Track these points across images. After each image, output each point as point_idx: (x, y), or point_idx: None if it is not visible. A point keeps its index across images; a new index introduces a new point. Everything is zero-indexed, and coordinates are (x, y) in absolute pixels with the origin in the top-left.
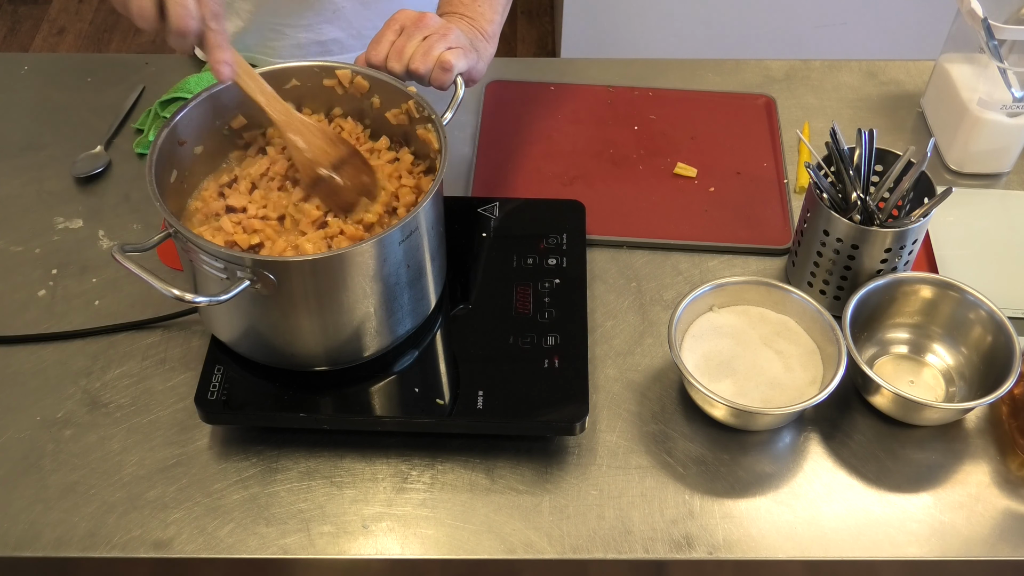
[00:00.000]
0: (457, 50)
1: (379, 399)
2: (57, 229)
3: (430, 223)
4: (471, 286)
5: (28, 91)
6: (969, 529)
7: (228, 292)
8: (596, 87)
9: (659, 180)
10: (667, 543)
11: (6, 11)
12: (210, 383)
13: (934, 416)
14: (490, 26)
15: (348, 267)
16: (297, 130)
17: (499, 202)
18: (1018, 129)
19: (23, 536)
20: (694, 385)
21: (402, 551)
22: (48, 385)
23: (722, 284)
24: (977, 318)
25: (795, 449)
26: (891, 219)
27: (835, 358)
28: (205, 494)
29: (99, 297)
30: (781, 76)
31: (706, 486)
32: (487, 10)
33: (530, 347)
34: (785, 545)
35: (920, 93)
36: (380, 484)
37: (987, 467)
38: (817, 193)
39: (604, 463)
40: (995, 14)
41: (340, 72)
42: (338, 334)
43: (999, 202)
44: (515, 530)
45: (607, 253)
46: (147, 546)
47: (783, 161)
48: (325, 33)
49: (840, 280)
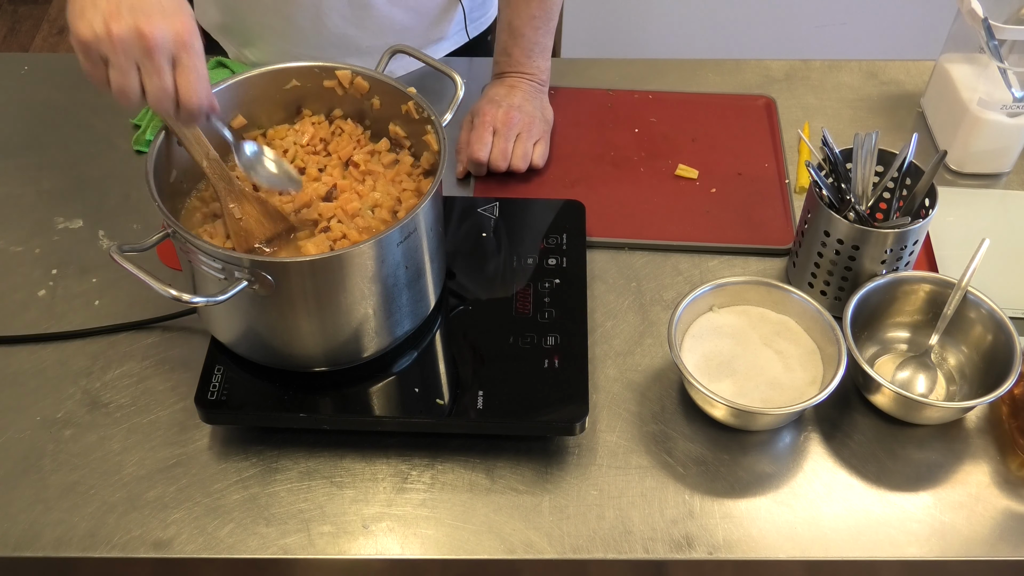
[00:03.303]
0: (540, 143)
1: (379, 399)
2: (57, 229)
3: (429, 224)
4: (471, 286)
5: (28, 91)
6: (969, 529)
7: (226, 293)
8: (596, 90)
9: (661, 182)
10: (667, 543)
11: (6, 11)
12: (210, 383)
13: (935, 415)
14: (544, 74)
15: (346, 268)
16: (236, 198)
17: (499, 202)
18: (1018, 129)
19: (23, 536)
20: (694, 385)
21: (402, 551)
22: (48, 385)
23: (722, 284)
24: (978, 317)
25: (795, 449)
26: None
27: (835, 358)
28: (205, 494)
29: (99, 297)
30: (781, 76)
31: (706, 486)
32: (541, 61)
33: (530, 347)
34: (785, 545)
35: (920, 93)
36: (380, 484)
37: (987, 467)
38: (817, 192)
39: (604, 463)
40: (995, 14)
41: (340, 73)
42: (337, 335)
43: (999, 202)
44: (515, 530)
45: (607, 253)
46: (147, 546)
47: (784, 161)
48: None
49: (841, 281)
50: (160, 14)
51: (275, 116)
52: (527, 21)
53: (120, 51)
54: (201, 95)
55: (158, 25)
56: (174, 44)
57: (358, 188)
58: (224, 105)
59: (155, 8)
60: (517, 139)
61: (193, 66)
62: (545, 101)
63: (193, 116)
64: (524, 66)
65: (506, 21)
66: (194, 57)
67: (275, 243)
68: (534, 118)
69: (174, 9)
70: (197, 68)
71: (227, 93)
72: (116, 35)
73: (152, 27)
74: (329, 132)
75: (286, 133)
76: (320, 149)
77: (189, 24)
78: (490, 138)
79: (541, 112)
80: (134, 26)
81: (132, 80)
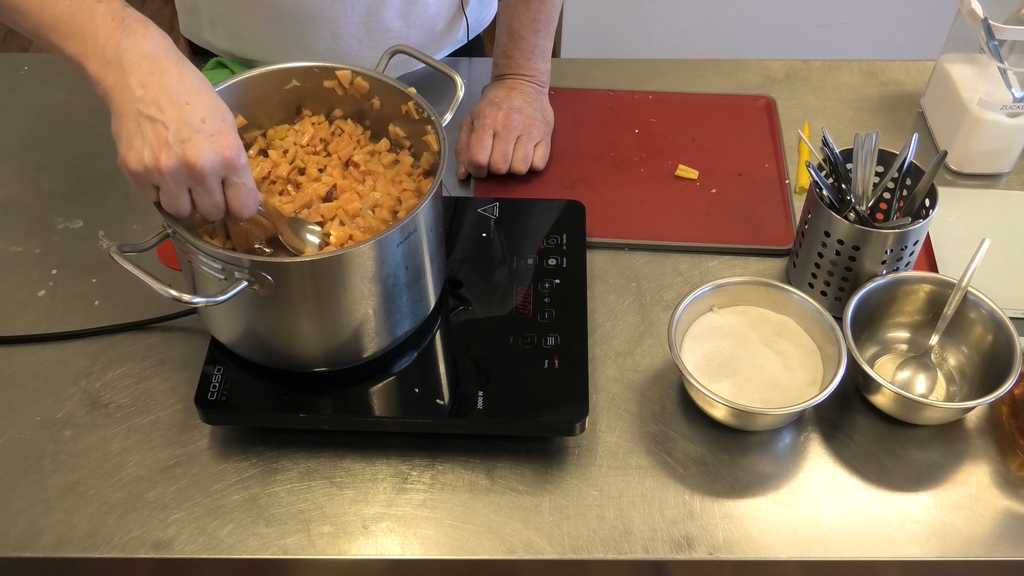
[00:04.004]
0: (541, 145)
1: (379, 400)
2: (57, 229)
3: (429, 224)
4: (471, 287)
5: (28, 91)
6: (969, 529)
7: (226, 293)
8: (596, 91)
9: (661, 183)
10: (667, 543)
11: None
12: (210, 383)
13: (935, 415)
14: (545, 76)
15: (346, 268)
16: None
17: (499, 202)
18: (1018, 129)
19: (23, 536)
20: (694, 385)
21: (402, 551)
22: (48, 385)
23: (722, 284)
24: (978, 318)
25: (795, 449)
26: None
27: (835, 358)
28: (205, 494)
29: (99, 297)
30: (781, 76)
31: (706, 486)
32: (541, 63)
33: (530, 347)
34: (785, 545)
35: (920, 93)
36: (380, 484)
37: (987, 467)
38: (818, 192)
39: (604, 463)
40: (995, 14)
41: (340, 73)
42: (337, 335)
43: (999, 202)
44: (515, 530)
45: (607, 254)
46: (147, 546)
47: (784, 161)
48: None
49: (841, 281)
50: (207, 139)
51: (275, 116)
52: (527, 24)
53: (170, 180)
54: (250, 207)
55: (205, 153)
56: (223, 168)
57: (358, 188)
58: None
59: (201, 132)
60: (517, 141)
61: (242, 184)
62: (545, 103)
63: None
64: (524, 68)
65: (506, 24)
66: (242, 175)
67: (275, 243)
68: (534, 120)
69: (219, 129)
70: (246, 184)
71: (227, 93)
72: (166, 168)
73: (200, 156)
74: (329, 132)
75: (286, 133)
76: (320, 149)
77: (234, 141)
78: (490, 140)
79: (541, 114)
80: (183, 157)
81: (183, 202)
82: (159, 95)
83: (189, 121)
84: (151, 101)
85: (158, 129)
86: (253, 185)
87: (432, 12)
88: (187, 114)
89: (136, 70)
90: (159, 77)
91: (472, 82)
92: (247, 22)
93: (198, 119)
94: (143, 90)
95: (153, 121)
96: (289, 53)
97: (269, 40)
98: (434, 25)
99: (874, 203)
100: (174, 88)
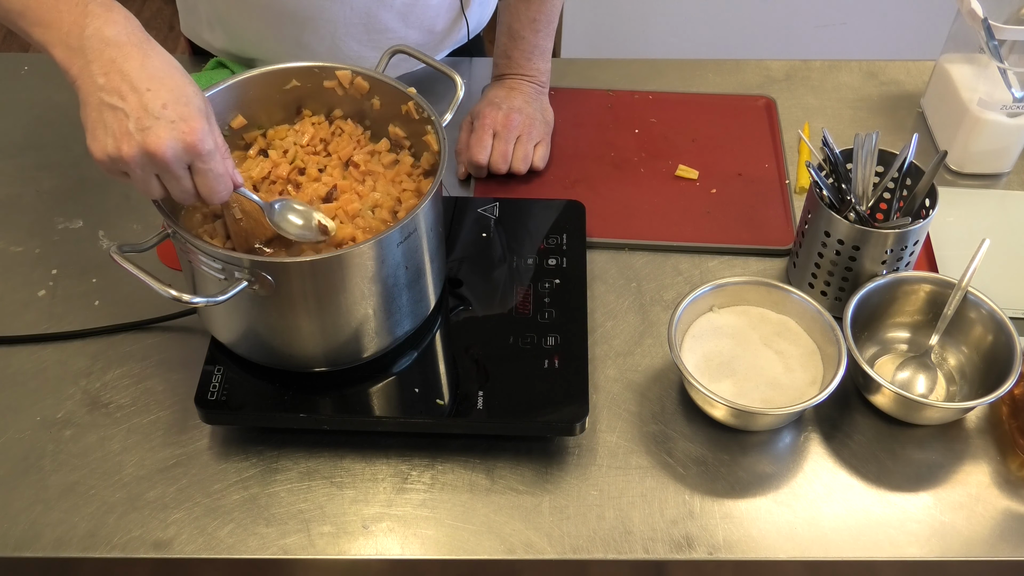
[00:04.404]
0: (541, 145)
1: (379, 400)
2: (57, 229)
3: (429, 224)
4: (471, 287)
5: (28, 91)
6: (969, 529)
7: (226, 293)
8: (596, 91)
9: (661, 183)
10: (667, 543)
11: None
12: (210, 383)
13: (935, 415)
14: (545, 76)
15: (346, 268)
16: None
17: (499, 202)
18: (1018, 129)
19: (23, 536)
20: (694, 385)
21: (402, 551)
22: (48, 385)
23: (722, 284)
24: (978, 318)
25: (795, 449)
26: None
27: (835, 358)
28: (205, 494)
29: (99, 297)
30: (781, 76)
31: (706, 486)
32: (541, 64)
33: (530, 347)
34: (785, 545)
35: (920, 93)
36: (380, 484)
37: (987, 467)
38: (818, 192)
39: (604, 463)
40: (995, 14)
41: (340, 73)
42: (337, 335)
43: (999, 202)
44: (515, 530)
45: (607, 254)
46: (147, 546)
47: (784, 161)
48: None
49: (841, 281)
50: (167, 125)
51: (275, 116)
52: (527, 24)
53: (136, 168)
54: (220, 192)
55: (166, 141)
56: (185, 154)
57: (358, 188)
58: (224, 105)
59: (162, 119)
60: (517, 141)
61: (208, 170)
62: (545, 103)
63: (217, 205)
64: (524, 68)
65: (506, 24)
66: (207, 161)
67: (275, 243)
68: (534, 120)
69: (181, 115)
70: (212, 170)
71: (227, 93)
72: (128, 157)
73: (160, 144)
74: (329, 132)
75: (286, 133)
76: (320, 149)
77: (198, 127)
78: (490, 141)
79: (541, 114)
80: (143, 146)
81: (153, 186)
82: (120, 82)
83: (149, 108)
84: (112, 89)
85: (119, 117)
86: (223, 171)
87: (432, 12)
88: (147, 100)
89: (98, 57)
90: (121, 63)
91: (472, 82)
92: (247, 22)
93: (159, 105)
94: (104, 78)
95: (115, 109)
96: (289, 53)
97: (269, 40)
98: (434, 25)
99: (874, 203)
100: (136, 74)
